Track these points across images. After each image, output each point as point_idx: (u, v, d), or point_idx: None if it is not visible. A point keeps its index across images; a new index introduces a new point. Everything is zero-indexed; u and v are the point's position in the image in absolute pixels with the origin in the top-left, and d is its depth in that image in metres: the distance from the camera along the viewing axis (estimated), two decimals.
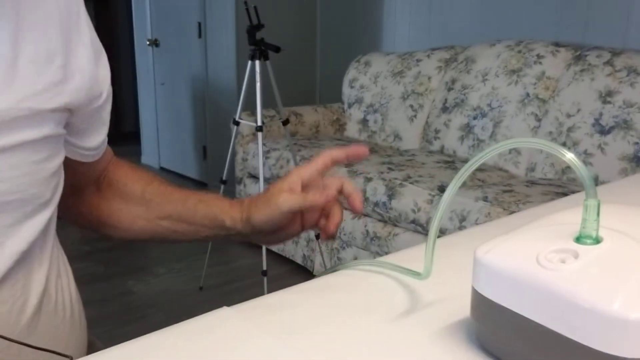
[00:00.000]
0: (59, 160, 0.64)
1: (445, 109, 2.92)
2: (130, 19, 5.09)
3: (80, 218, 0.82)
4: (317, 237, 2.67)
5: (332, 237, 0.73)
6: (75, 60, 0.62)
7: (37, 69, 0.57)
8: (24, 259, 0.62)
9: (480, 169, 2.56)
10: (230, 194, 3.19)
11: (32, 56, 0.57)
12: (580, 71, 2.45)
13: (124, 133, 5.76)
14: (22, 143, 0.57)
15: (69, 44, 0.61)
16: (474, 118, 2.76)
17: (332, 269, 0.60)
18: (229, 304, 0.54)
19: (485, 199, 2.14)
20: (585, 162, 2.31)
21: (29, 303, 0.63)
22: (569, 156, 0.41)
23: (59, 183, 0.66)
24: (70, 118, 0.64)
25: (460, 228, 2.14)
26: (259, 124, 2.49)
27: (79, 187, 0.79)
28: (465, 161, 2.68)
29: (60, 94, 0.59)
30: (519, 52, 2.70)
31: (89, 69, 0.63)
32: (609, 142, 2.28)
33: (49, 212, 0.65)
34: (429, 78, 3.09)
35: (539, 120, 2.55)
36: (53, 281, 0.69)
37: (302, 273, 2.84)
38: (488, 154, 0.46)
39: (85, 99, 0.64)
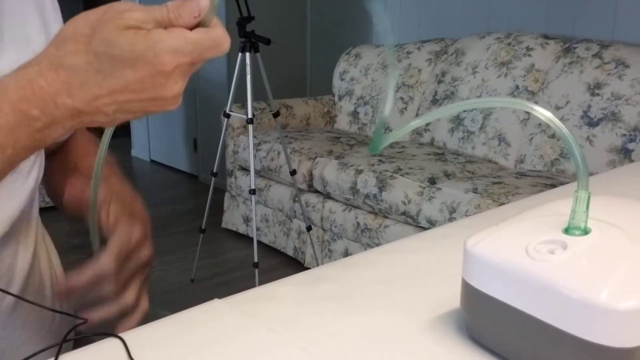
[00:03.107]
0: None
1: (435, 101, 2.93)
2: None
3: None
4: (308, 229, 2.68)
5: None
6: None
7: (20, 47, 0.60)
8: (9, 239, 0.63)
9: (469, 161, 2.57)
10: (222, 186, 3.18)
11: (14, 37, 0.60)
12: (569, 63, 2.46)
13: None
14: None
15: (47, 26, 0.64)
16: (464, 110, 2.77)
17: None
18: (220, 296, 0.55)
19: (475, 190, 2.15)
20: None
21: (14, 282, 0.65)
22: (572, 139, 0.42)
23: (38, 156, 0.67)
24: None
25: (450, 220, 2.15)
26: (250, 116, 2.48)
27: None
28: (455, 153, 2.69)
29: None
30: (509, 44, 2.71)
31: None
32: (598, 134, 2.30)
33: (28, 185, 0.65)
34: (419, 70, 3.09)
35: (528, 112, 2.56)
36: (37, 264, 0.70)
37: (293, 265, 2.85)
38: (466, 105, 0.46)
39: None
